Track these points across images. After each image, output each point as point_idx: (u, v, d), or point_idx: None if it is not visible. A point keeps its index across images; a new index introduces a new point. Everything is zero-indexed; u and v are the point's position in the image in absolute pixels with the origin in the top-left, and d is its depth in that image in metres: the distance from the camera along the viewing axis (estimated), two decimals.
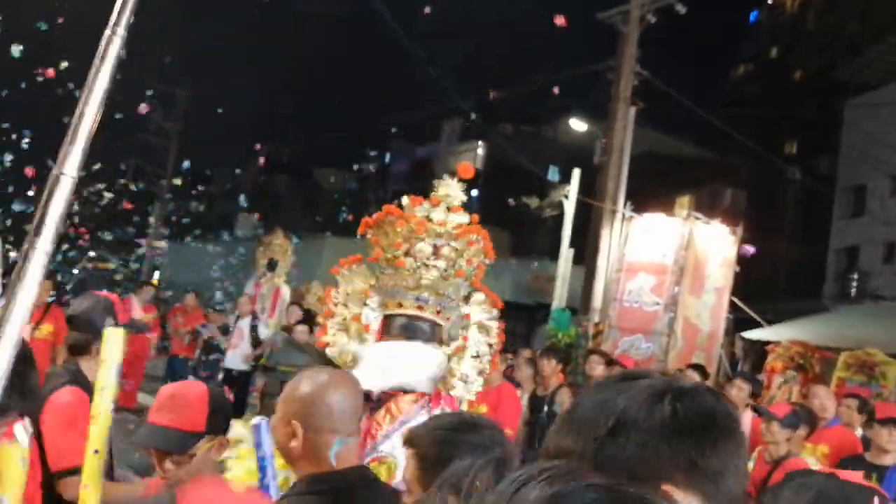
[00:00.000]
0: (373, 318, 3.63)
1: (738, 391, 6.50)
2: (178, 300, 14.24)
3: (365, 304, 3.64)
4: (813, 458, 5.45)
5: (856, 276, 29.04)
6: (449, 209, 3.66)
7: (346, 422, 2.10)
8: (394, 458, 3.26)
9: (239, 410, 10.55)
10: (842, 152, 31.41)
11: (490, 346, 3.76)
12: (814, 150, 36.27)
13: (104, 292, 3.83)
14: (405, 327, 3.54)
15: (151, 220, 32.21)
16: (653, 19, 13.89)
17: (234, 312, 12.39)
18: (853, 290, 28.51)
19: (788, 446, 5.04)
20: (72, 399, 3.16)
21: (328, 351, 3.65)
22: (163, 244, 31.64)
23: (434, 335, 3.56)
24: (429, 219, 3.59)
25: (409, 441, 2.15)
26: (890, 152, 26.02)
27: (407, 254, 3.54)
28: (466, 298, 3.77)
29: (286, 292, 12.80)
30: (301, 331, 9.16)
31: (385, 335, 3.59)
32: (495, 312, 3.84)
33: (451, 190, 3.72)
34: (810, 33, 41.52)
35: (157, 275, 33.31)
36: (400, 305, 3.58)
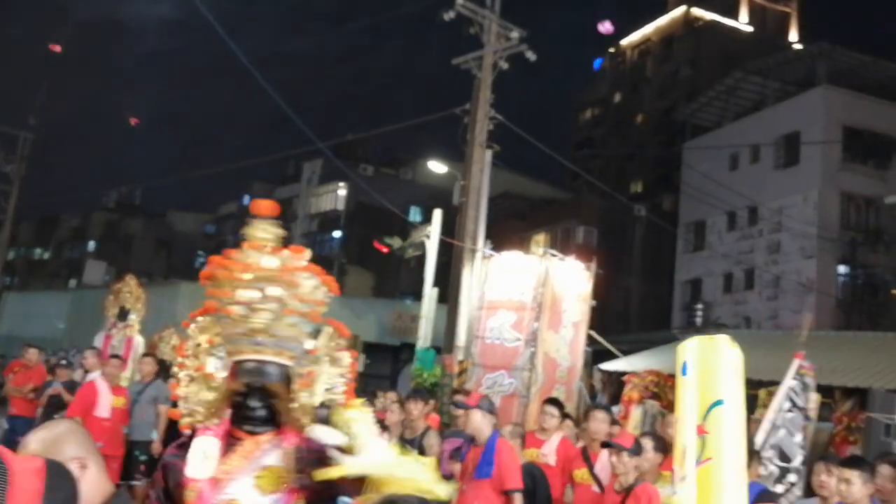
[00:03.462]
0: (220, 366, 3.65)
1: (601, 423, 6.66)
2: (18, 354, 13.27)
3: (212, 354, 3.66)
4: (670, 485, 5.66)
5: (700, 307, 30.64)
6: (272, 250, 3.72)
7: None
8: (238, 501, 3.21)
9: None
10: (682, 191, 33.20)
11: (342, 376, 3.84)
12: (657, 189, 38.33)
13: None
14: (251, 371, 3.57)
15: None
16: (505, 66, 14.44)
17: (80, 367, 11.64)
18: (699, 320, 30.03)
19: (637, 473, 5.24)
20: None
21: (180, 404, 3.62)
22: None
23: (282, 375, 3.62)
24: (253, 264, 3.63)
25: None
26: (724, 191, 27.84)
27: (236, 301, 3.58)
28: (315, 334, 3.83)
29: (139, 342, 12.22)
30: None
31: (234, 380, 3.61)
32: (343, 342, 3.92)
33: (265, 232, 3.77)
34: (649, 79, 44.06)
35: None
36: (240, 352, 3.61)
